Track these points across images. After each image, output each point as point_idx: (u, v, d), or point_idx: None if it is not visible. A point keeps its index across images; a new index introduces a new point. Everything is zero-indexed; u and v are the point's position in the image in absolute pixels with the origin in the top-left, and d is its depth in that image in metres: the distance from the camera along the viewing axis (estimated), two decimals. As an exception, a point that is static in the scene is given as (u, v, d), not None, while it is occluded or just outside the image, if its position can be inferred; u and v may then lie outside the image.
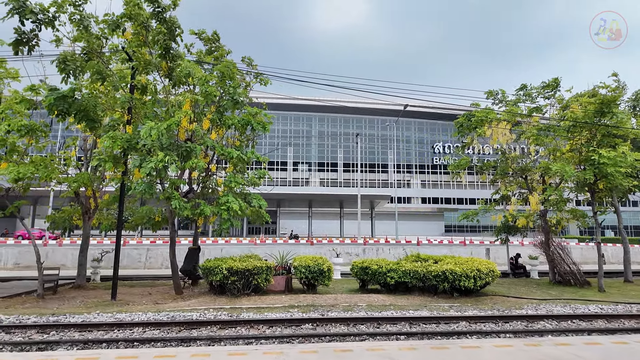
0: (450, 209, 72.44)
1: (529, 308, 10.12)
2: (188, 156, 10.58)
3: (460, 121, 16.24)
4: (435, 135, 74.80)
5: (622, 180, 12.50)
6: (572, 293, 12.92)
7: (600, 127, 13.40)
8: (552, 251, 15.11)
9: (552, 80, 14.70)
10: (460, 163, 16.23)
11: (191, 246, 13.95)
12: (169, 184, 10.65)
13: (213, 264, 10.87)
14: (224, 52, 14.37)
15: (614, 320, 8.99)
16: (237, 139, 13.26)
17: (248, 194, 12.63)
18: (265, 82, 14.29)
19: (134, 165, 9.54)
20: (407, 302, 10.55)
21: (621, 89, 14.04)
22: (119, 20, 9.75)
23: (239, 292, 10.77)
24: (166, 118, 11.57)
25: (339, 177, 70.80)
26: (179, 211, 10.12)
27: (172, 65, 10.69)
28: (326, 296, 11.19)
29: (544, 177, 15.30)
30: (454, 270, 10.95)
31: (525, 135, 15.32)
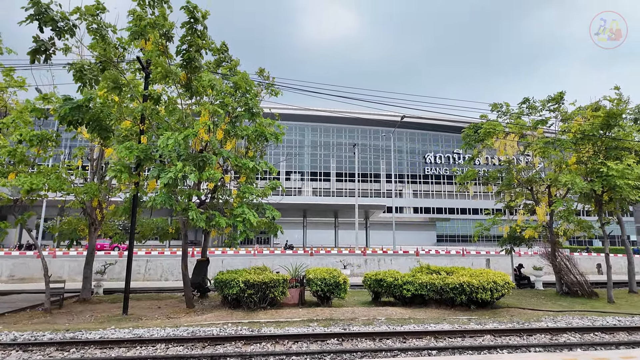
0: (441, 218, 73.06)
1: (548, 320, 10.12)
2: (203, 167, 10.44)
3: (467, 133, 16.39)
4: (426, 145, 75.67)
5: (630, 192, 12.72)
6: (582, 304, 12.99)
7: (606, 139, 13.67)
8: (559, 262, 15.23)
9: (557, 93, 14.99)
10: (467, 174, 16.34)
11: (200, 258, 13.67)
12: (186, 194, 10.44)
13: (228, 277, 10.65)
14: (235, 62, 14.31)
15: (634, 332, 9.04)
16: (250, 150, 13.13)
17: (260, 204, 12.48)
18: (276, 93, 14.26)
19: (152, 176, 9.34)
20: (425, 315, 10.46)
21: (625, 102, 14.37)
22: (142, 30, 9.59)
23: (255, 306, 10.56)
24: (180, 128, 11.43)
25: (332, 186, 70.87)
26: (196, 222, 9.91)
27: (191, 76, 10.55)
28: (343, 309, 11.04)
29: (549, 189, 15.49)
30: (470, 282, 10.92)
31: (532, 147, 15.53)
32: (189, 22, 10.37)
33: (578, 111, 15.53)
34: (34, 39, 8.46)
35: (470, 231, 72.84)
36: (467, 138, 16.57)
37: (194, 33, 10.40)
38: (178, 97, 12.36)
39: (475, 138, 16.21)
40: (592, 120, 13.92)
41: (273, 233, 12.55)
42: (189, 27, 10.44)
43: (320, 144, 71.49)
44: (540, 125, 15.86)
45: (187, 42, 10.62)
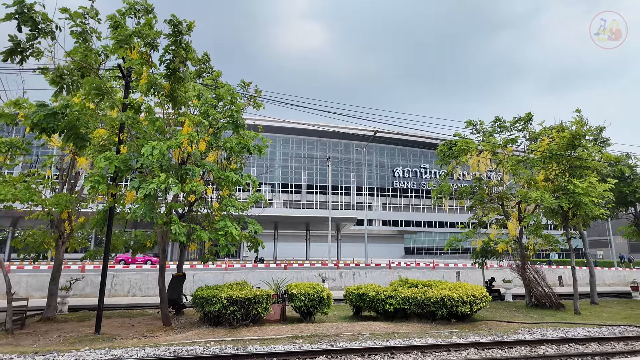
0: (409, 231, 74.57)
1: (524, 332, 10.49)
2: (185, 179, 10.15)
3: (442, 149, 16.95)
4: (395, 159, 77.42)
5: (593, 208, 13.57)
6: (551, 316, 13.58)
7: (571, 159, 14.57)
8: (529, 275, 15.89)
9: (525, 114, 15.89)
10: (441, 189, 16.82)
11: (175, 273, 13.15)
12: (167, 207, 10.07)
13: (210, 293, 10.29)
14: (217, 74, 14.15)
15: (605, 342, 9.52)
16: (232, 162, 12.90)
17: (242, 217, 12.25)
18: (259, 106, 14.18)
19: (132, 187, 8.95)
20: (408, 330, 10.55)
21: (586, 124, 15.40)
22: (127, 39, 9.30)
23: (237, 323, 10.25)
24: (160, 138, 11.09)
25: (303, 198, 70.73)
26: (177, 236, 9.56)
27: (175, 86, 10.31)
28: (326, 325, 10.94)
29: (519, 205, 16.22)
30: (451, 296, 11.16)
31: (503, 164, 16.27)
32: (174, 34, 10.19)
33: (544, 131, 16.49)
34: (10, 38, 8.00)
35: (438, 244, 74.83)
36: (442, 154, 17.12)
37: (179, 45, 10.22)
38: (157, 106, 12.01)
39: (450, 154, 16.78)
40: (558, 140, 14.82)
41: (254, 248, 12.30)
42: (174, 40, 10.26)
43: (292, 155, 71.45)
44: (510, 144, 16.66)
45: (171, 51, 10.41)
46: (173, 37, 10.31)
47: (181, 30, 9.95)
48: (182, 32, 9.98)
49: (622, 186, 17.42)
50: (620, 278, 28.82)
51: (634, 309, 16.04)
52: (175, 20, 10.24)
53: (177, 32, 10.02)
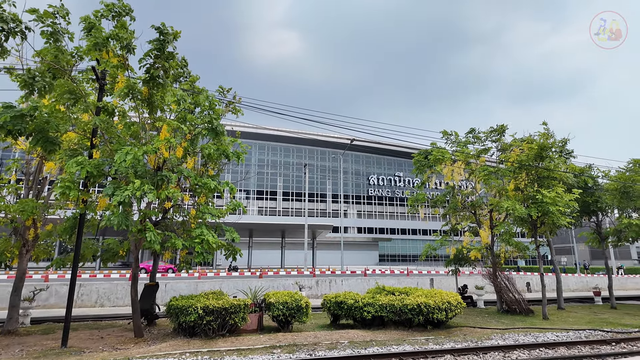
0: (384, 238, 75.41)
1: (497, 338, 10.76)
2: (161, 185, 9.91)
3: (418, 159, 17.32)
4: (370, 167, 78.36)
5: (560, 217, 14.18)
6: (521, 322, 14.02)
7: (540, 169, 15.21)
8: (500, 282, 16.38)
9: (499, 126, 16.51)
10: (417, 198, 17.15)
11: (148, 283, 12.72)
12: (141, 214, 9.76)
13: (185, 303, 10.01)
14: (194, 78, 13.94)
15: (572, 346, 9.91)
16: (210, 169, 12.68)
17: (219, 225, 12.04)
18: (237, 112, 14.05)
19: (106, 193, 8.63)
20: (386, 337, 10.61)
21: (552, 136, 16.16)
22: (104, 41, 9.03)
23: (213, 333, 10.00)
24: (135, 143, 10.79)
25: (278, 205, 70.29)
26: (152, 244, 9.27)
27: (153, 92, 10.07)
28: (304, 334, 10.85)
29: (491, 213, 16.75)
30: (427, 303, 11.33)
31: (475, 174, 16.78)
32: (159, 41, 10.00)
33: (514, 143, 17.16)
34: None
35: (411, 251, 76.00)
36: (418, 163, 17.48)
37: (163, 53, 10.03)
38: (132, 110, 11.69)
39: (425, 164, 17.17)
40: (528, 152, 15.45)
41: (232, 255, 12.08)
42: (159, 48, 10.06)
43: (268, 162, 71.04)
44: (483, 154, 17.23)
45: (153, 55, 10.17)
46: (158, 44, 10.09)
47: (167, 40, 9.80)
48: (168, 41, 9.83)
49: (585, 196, 18.32)
50: (583, 284, 30.15)
51: (596, 313, 16.80)
52: (163, 28, 10.06)
53: (163, 41, 9.85)
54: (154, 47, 9.84)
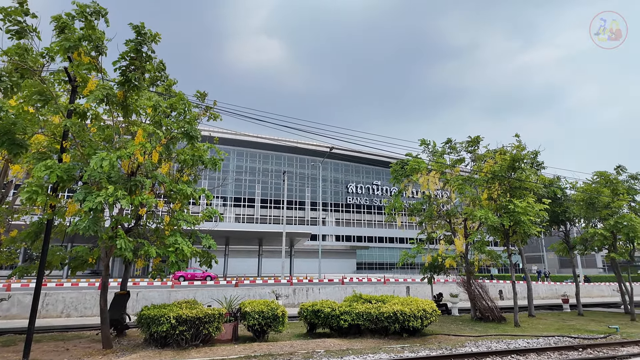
0: (361, 246, 75.72)
1: (471, 345, 10.94)
2: (135, 191, 9.65)
3: (395, 168, 17.56)
4: (349, 176, 78.83)
5: (531, 226, 14.65)
6: (494, 329, 14.30)
7: (512, 180, 15.70)
8: (474, 289, 16.69)
9: (475, 137, 16.97)
10: (394, 205, 17.34)
11: (118, 292, 12.29)
12: (113, 220, 9.45)
13: (157, 313, 9.71)
14: (172, 82, 13.73)
15: (542, 352, 10.16)
16: (185, 174, 12.44)
17: (194, 232, 11.80)
18: (215, 117, 13.89)
19: (77, 199, 8.32)
20: (362, 346, 10.60)
21: (524, 148, 16.73)
22: (76, 43, 8.78)
23: (186, 344, 9.73)
24: (108, 147, 10.48)
25: (256, 213, 69.58)
26: (123, 252, 8.97)
27: (129, 95, 9.84)
28: (280, 343, 10.70)
29: (465, 222, 17.11)
30: (403, 310, 11.41)
31: (450, 184, 17.14)
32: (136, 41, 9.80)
33: (488, 154, 17.67)
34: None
35: (388, 259, 76.58)
36: (395, 173, 17.72)
37: (139, 53, 9.84)
38: (105, 113, 11.37)
39: (402, 173, 17.42)
40: (501, 163, 15.93)
41: (207, 263, 11.84)
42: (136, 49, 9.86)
43: (246, 169, 70.39)
44: (458, 164, 17.65)
45: (129, 58, 9.95)
46: (135, 45, 9.89)
47: (144, 40, 9.60)
48: (145, 42, 9.64)
49: (554, 206, 19.00)
50: (552, 291, 31.09)
51: (565, 320, 17.35)
52: (141, 27, 9.86)
53: (141, 41, 9.66)
54: (131, 49, 9.63)
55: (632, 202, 19.58)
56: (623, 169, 19.81)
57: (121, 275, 32.79)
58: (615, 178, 18.99)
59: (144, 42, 9.70)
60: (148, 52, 10.03)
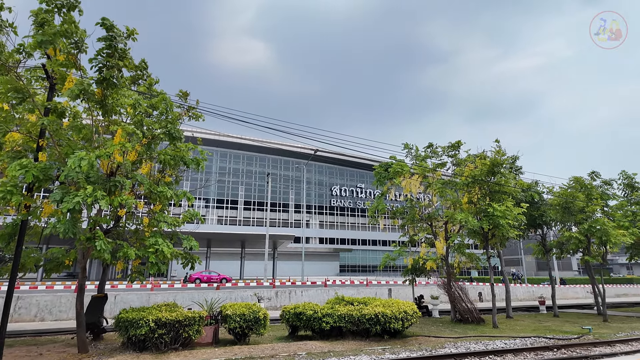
0: (344, 249, 75.92)
1: (450, 346, 11.11)
2: (114, 191, 9.46)
3: (379, 171, 17.72)
4: (333, 178, 79.00)
5: (509, 229, 15.00)
6: (473, 330, 14.55)
7: (491, 184, 16.05)
8: (454, 291, 16.96)
9: (456, 142, 17.29)
10: (377, 207, 17.48)
11: (95, 294, 12.00)
12: (91, 222, 9.23)
13: (135, 316, 9.53)
14: (153, 80, 13.54)
15: (519, 353, 10.41)
16: (167, 175, 12.26)
17: (175, 233, 11.63)
18: (198, 117, 13.75)
19: (54, 199, 8.10)
20: (344, 348, 10.63)
21: (504, 153, 17.15)
22: (52, 38, 8.56)
23: (166, 347, 9.57)
24: (87, 147, 10.26)
25: (239, 215, 68.99)
26: (102, 254, 8.77)
27: (107, 93, 9.66)
28: (262, 346, 10.64)
29: (446, 225, 17.39)
30: (385, 312, 11.51)
31: (432, 187, 17.41)
32: (108, 38, 9.63)
33: (468, 158, 18.03)
34: None
35: (371, 261, 76.97)
36: (379, 175, 17.88)
37: (114, 50, 9.66)
38: (84, 111, 11.12)
39: (386, 176, 17.60)
40: (481, 167, 16.27)
41: (189, 264, 11.68)
42: (109, 45, 9.68)
43: (230, 170, 69.74)
44: (439, 168, 17.94)
45: (104, 54, 9.78)
46: (107, 42, 9.73)
47: (115, 35, 9.44)
48: (117, 38, 9.47)
49: (532, 210, 19.50)
50: (530, 293, 31.87)
51: (541, 321, 17.79)
52: (108, 23, 9.69)
53: (112, 37, 9.49)
54: (105, 46, 9.46)
55: (605, 207, 20.28)
56: (597, 174, 20.50)
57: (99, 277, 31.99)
58: (590, 183, 19.63)
59: (115, 39, 9.50)
60: (124, 48, 9.82)
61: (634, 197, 20.71)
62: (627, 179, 21.19)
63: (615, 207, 20.82)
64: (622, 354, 10.56)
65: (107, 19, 9.79)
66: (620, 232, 17.22)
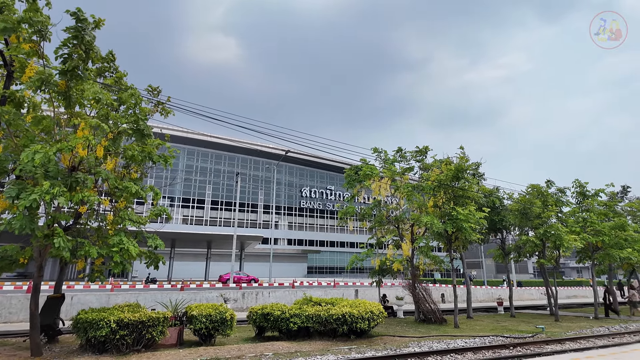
0: (313, 250, 76.04)
1: (414, 346, 11.42)
2: (75, 187, 9.07)
3: (349, 173, 17.97)
4: (303, 180, 79.02)
5: (471, 233, 15.62)
6: (436, 330, 15.03)
7: (455, 189, 16.67)
8: (418, 292, 17.44)
9: (423, 147, 17.82)
10: (347, 210, 17.73)
11: (51, 295, 11.42)
12: (50, 218, 8.79)
13: (95, 316, 9.16)
14: (121, 74, 13.08)
15: (478, 351, 10.85)
16: (133, 172, 11.86)
17: (140, 232, 11.27)
18: (167, 113, 13.42)
19: (8, 196, 7.66)
20: (311, 348, 10.69)
21: (468, 159, 17.85)
22: (14, 26, 8.13)
23: (127, 349, 9.25)
24: (47, 139, 9.79)
25: (205, 215, 67.58)
26: (61, 251, 8.38)
27: (71, 84, 9.25)
28: (228, 347, 10.51)
29: (412, 227, 17.88)
30: (352, 312, 11.67)
31: (400, 190, 17.85)
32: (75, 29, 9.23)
33: (435, 163, 18.64)
34: None
35: (338, 263, 77.51)
36: (349, 178, 18.13)
37: (81, 41, 9.27)
38: (45, 102, 10.59)
39: (356, 178, 17.88)
40: (446, 172, 16.86)
41: (154, 264, 11.35)
42: (75, 36, 9.28)
43: (196, 169, 68.18)
44: (407, 172, 18.42)
45: (70, 45, 9.36)
46: (74, 32, 9.32)
47: (85, 27, 9.07)
48: (85, 29, 9.09)
49: (493, 215, 20.39)
50: (489, 295, 33.25)
51: (499, 321, 18.62)
52: (80, 13, 9.30)
53: (80, 28, 9.11)
54: (71, 35, 9.07)
55: (559, 213, 21.51)
56: (552, 183, 21.73)
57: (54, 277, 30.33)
58: (546, 190, 20.77)
59: (83, 29, 9.14)
60: (89, 39, 9.44)
61: (585, 204, 22.10)
62: (579, 187, 22.60)
63: (569, 214, 22.14)
64: (571, 351, 11.25)
65: (81, 10, 9.39)
66: (572, 237, 18.33)
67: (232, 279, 35.04)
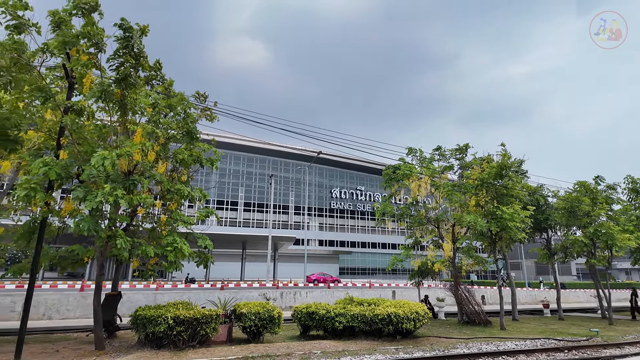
0: (344, 251, 75.90)
1: (462, 347, 11.21)
2: (133, 190, 9.56)
3: (387, 172, 17.86)
4: (333, 180, 79.09)
5: (517, 232, 15.13)
6: (481, 332, 14.66)
7: (499, 187, 16.20)
8: (461, 294, 17.07)
9: (463, 145, 17.45)
10: (384, 208, 17.61)
11: (109, 292, 12.06)
12: (110, 220, 9.31)
13: (154, 313, 9.59)
14: (170, 81, 13.64)
15: (531, 354, 10.52)
16: (183, 175, 12.35)
17: (191, 233, 11.71)
18: (212, 118, 13.86)
19: (76, 198, 8.18)
20: (357, 347, 10.72)
21: (510, 156, 17.31)
22: (73, 40, 8.69)
23: (184, 344, 9.63)
24: (106, 146, 10.36)
25: (239, 216, 68.98)
26: (121, 251, 8.86)
27: (126, 93, 9.77)
28: (276, 345, 10.72)
29: (453, 227, 17.52)
30: (397, 313, 11.60)
31: (439, 190, 17.55)
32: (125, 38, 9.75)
33: (475, 161, 18.20)
34: None
35: (371, 264, 77.01)
36: (387, 177, 18.02)
37: (131, 50, 9.78)
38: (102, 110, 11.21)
39: (394, 178, 17.74)
40: (488, 170, 16.42)
41: (203, 263, 11.76)
42: (125, 45, 9.80)
43: (229, 172, 69.74)
44: (446, 171, 18.09)
45: (122, 55, 9.89)
46: (124, 42, 9.85)
47: (132, 35, 9.56)
48: (134, 37, 9.59)
49: (537, 214, 19.66)
50: (532, 297, 32.01)
51: (547, 324, 17.92)
52: (126, 24, 9.81)
53: (129, 37, 9.61)
54: (121, 45, 9.58)
55: (609, 211, 20.45)
56: (602, 179, 20.69)
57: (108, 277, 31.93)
58: (595, 188, 19.81)
59: (131, 38, 9.63)
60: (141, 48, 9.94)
61: (638, 201, 20.90)
62: (632, 184, 21.39)
63: (620, 212, 21.00)
64: (632, 355, 10.69)
65: (125, 20, 9.92)
66: (626, 236, 17.39)
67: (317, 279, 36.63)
